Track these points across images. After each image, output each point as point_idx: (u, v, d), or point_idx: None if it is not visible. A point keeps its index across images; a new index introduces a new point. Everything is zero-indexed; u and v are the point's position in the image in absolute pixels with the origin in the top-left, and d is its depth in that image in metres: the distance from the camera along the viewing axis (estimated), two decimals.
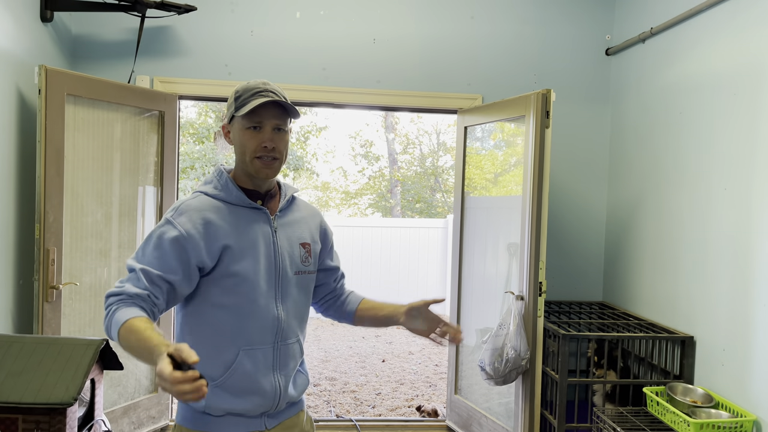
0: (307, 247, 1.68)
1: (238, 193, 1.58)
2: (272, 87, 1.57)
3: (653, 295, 3.29)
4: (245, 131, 1.56)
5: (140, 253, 1.51)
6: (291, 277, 1.63)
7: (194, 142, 11.32)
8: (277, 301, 1.59)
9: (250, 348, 1.55)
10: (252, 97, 1.54)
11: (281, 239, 1.62)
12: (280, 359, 1.61)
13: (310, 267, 1.69)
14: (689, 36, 3.06)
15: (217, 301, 1.54)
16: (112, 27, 3.48)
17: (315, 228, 1.75)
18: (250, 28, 3.60)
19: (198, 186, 1.64)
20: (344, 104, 3.74)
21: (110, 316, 1.41)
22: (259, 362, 1.56)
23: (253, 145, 1.55)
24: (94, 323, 3.14)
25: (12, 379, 1.64)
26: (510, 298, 3.17)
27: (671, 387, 2.74)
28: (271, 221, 1.62)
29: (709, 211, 2.84)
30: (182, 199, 1.59)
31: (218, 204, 1.57)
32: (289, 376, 1.64)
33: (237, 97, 1.56)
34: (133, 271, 1.47)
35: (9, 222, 2.80)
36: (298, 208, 1.73)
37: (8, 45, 2.74)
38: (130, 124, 3.27)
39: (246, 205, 1.59)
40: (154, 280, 1.46)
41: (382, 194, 14.14)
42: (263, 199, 1.64)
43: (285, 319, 1.61)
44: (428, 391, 4.95)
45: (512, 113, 3.25)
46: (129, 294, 1.43)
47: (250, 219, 1.59)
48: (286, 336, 1.62)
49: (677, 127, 3.13)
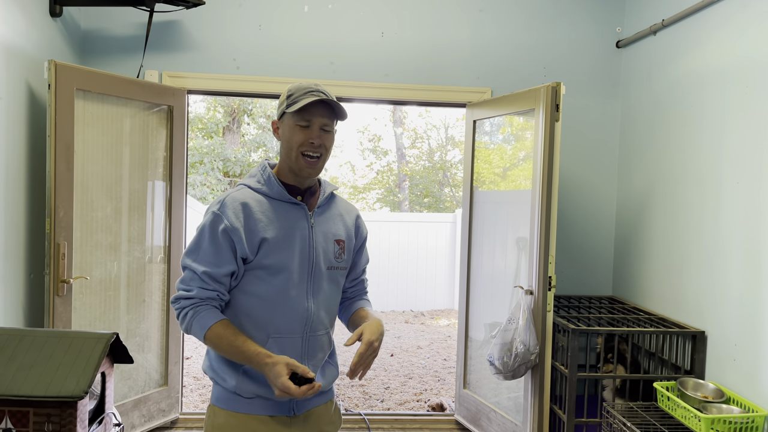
0: (341, 243, 1.75)
1: (279, 188, 1.65)
2: (323, 88, 1.66)
3: (663, 290, 3.27)
4: (294, 127, 1.63)
5: (195, 249, 1.59)
6: (324, 271, 1.69)
7: (203, 137, 11.35)
8: (308, 294, 1.66)
9: (279, 336, 1.62)
10: (304, 96, 1.61)
11: (317, 234, 1.69)
12: (309, 349, 1.67)
13: (342, 263, 1.75)
14: (701, 28, 3.02)
15: (249, 289, 1.61)
16: (120, 22, 3.49)
17: (351, 225, 1.81)
18: (258, 22, 3.59)
19: (243, 179, 1.72)
20: (352, 98, 3.73)
21: (190, 320, 1.56)
22: (287, 351, 1.62)
23: (300, 140, 1.62)
24: (104, 317, 3.16)
25: (23, 373, 1.65)
26: (519, 292, 3.16)
27: (682, 382, 2.73)
28: (309, 217, 1.68)
29: (720, 205, 2.81)
30: (227, 191, 1.66)
31: (260, 198, 1.64)
32: (317, 366, 1.70)
33: (289, 95, 1.64)
34: (194, 273, 1.57)
35: (20, 216, 2.82)
36: (336, 205, 1.80)
37: (18, 40, 2.75)
38: (139, 118, 3.28)
39: (286, 200, 1.66)
40: (219, 279, 1.58)
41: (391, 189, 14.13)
42: (303, 195, 1.70)
43: (315, 311, 1.67)
44: (437, 385, 4.95)
45: (522, 107, 3.23)
46: (201, 298, 1.57)
47: (289, 213, 1.65)
48: (315, 327, 1.68)
49: (688, 121, 3.10)
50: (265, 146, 11.69)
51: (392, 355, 5.94)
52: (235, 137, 11.79)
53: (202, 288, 1.57)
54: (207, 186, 10.99)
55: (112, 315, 3.20)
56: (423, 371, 5.39)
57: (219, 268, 1.57)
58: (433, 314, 8.15)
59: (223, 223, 1.57)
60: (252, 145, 11.88)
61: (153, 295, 3.40)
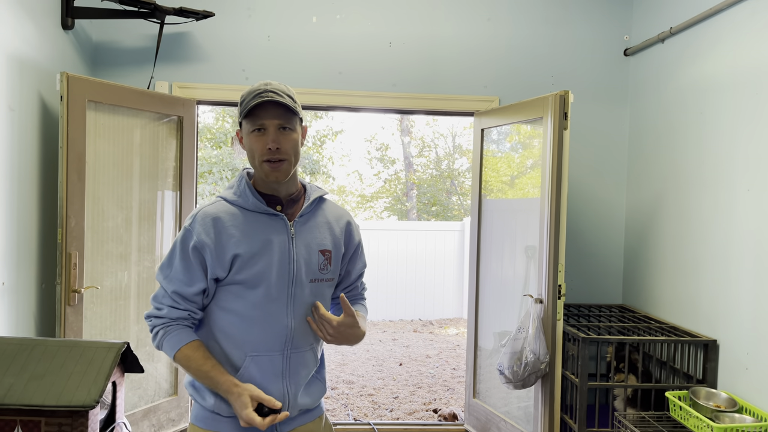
0: (327, 254, 1.65)
1: (254, 200, 1.58)
2: (274, 86, 1.55)
3: (674, 298, 3.25)
4: (251, 135, 1.55)
5: (167, 265, 1.57)
6: (306, 284, 1.60)
7: (212, 146, 11.41)
8: (288, 309, 1.58)
9: (256, 355, 1.56)
10: (253, 100, 1.53)
11: (299, 246, 1.60)
12: (290, 367, 1.60)
13: (328, 274, 1.66)
14: (709, 35, 3.02)
15: (226, 306, 1.57)
16: (131, 34, 3.53)
17: (340, 233, 1.70)
18: (267, 33, 3.62)
19: (222, 191, 1.66)
20: (360, 108, 3.75)
21: (161, 339, 1.55)
22: (266, 369, 1.56)
23: (259, 148, 1.54)
24: (115, 326, 3.17)
25: (35, 382, 1.66)
26: (529, 301, 3.15)
27: (694, 391, 2.70)
28: (289, 227, 1.60)
29: (731, 213, 2.80)
30: (200, 205, 1.62)
31: (234, 210, 1.57)
32: (300, 384, 1.62)
33: (242, 101, 1.57)
34: (165, 291, 1.56)
35: (32, 227, 2.85)
36: (323, 212, 1.69)
37: (31, 53, 2.79)
38: (150, 129, 3.31)
39: (262, 212, 1.58)
40: (189, 298, 1.56)
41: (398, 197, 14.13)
42: (283, 204, 1.62)
43: (295, 326, 1.59)
44: (446, 394, 4.93)
45: (530, 115, 3.23)
46: (172, 318, 1.56)
47: (265, 226, 1.58)
48: (297, 344, 1.60)
49: (698, 128, 3.09)
50: None
51: (401, 365, 5.93)
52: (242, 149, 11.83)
53: (173, 307, 1.54)
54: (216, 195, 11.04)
55: (122, 324, 3.21)
56: (432, 381, 5.36)
57: (189, 287, 1.54)
58: (442, 323, 8.13)
59: (193, 240, 1.53)
60: None
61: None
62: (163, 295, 1.56)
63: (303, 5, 3.63)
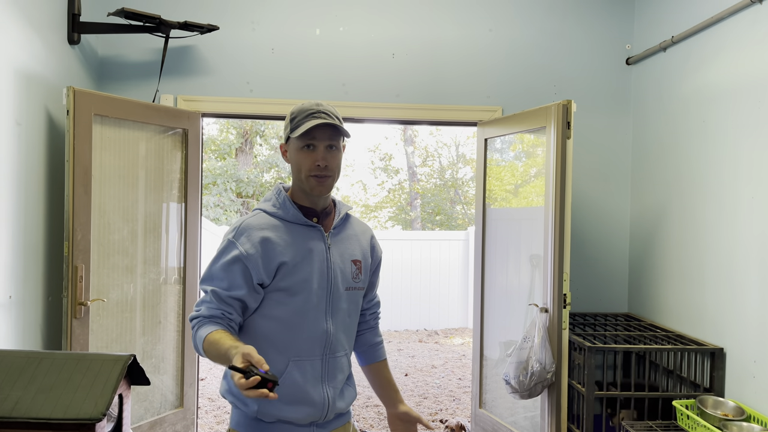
0: (358, 263, 1.75)
1: (294, 211, 1.66)
2: (325, 108, 1.64)
3: (680, 307, 3.24)
4: (300, 151, 1.63)
5: (207, 273, 1.62)
6: (342, 292, 1.69)
7: (216, 158, 11.46)
8: (327, 315, 1.65)
9: (299, 359, 1.62)
10: (306, 119, 1.61)
11: (334, 255, 1.69)
12: (329, 371, 1.67)
13: (360, 283, 1.75)
14: (711, 44, 3.03)
15: (268, 313, 1.62)
16: (137, 48, 3.56)
17: (366, 245, 1.81)
18: (270, 46, 3.65)
19: (258, 203, 1.73)
20: (364, 119, 3.77)
21: (194, 337, 1.58)
22: (308, 373, 1.62)
23: (307, 164, 1.62)
24: (121, 339, 3.18)
25: (42, 395, 1.66)
26: (534, 310, 3.14)
27: (701, 400, 2.69)
28: (326, 238, 1.68)
29: (736, 220, 2.80)
30: (242, 218, 1.67)
31: (275, 222, 1.65)
32: (338, 388, 1.69)
33: (292, 118, 1.64)
34: (205, 293, 1.60)
35: (39, 240, 2.86)
36: (351, 225, 1.80)
37: (38, 68, 2.82)
38: (155, 142, 3.33)
39: (302, 223, 1.66)
40: (224, 299, 1.58)
41: (402, 207, 14.14)
42: (319, 217, 1.70)
43: (334, 332, 1.67)
44: (452, 405, 4.91)
45: (533, 124, 3.24)
46: (205, 316, 1.58)
47: (305, 236, 1.66)
48: (334, 349, 1.68)
49: (701, 136, 3.09)
50: (278, 167, 11.78)
51: (406, 375, 5.91)
52: (248, 158, 11.89)
53: (209, 306, 1.58)
54: (221, 207, 11.08)
55: (128, 337, 3.22)
56: (438, 391, 5.34)
57: (226, 290, 1.58)
58: (447, 333, 8.10)
59: (237, 250, 1.58)
60: (264, 166, 11.98)
61: (168, 317, 3.43)
62: (202, 298, 1.62)
63: (306, 18, 3.67)
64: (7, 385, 1.68)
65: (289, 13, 3.66)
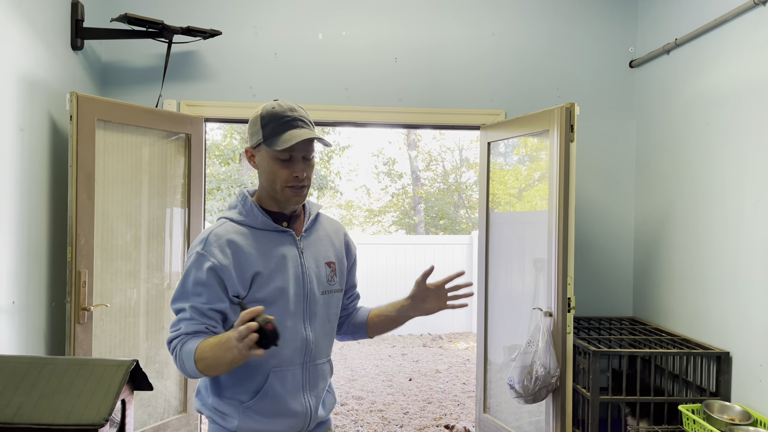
0: (332, 266, 1.68)
1: (263, 218, 1.58)
2: (300, 113, 1.55)
3: (686, 310, 3.22)
4: (275, 161, 1.54)
5: (181, 291, 1.53)
6: (318, 297, 1.63)
7: (220, 163, 11.48)
8: (305, 322, 1.60)
9: (279, 369, 1.56)
10: (283, 127, 1.51)
11: (308, 260, 1.62)
12: (310, 380, 1.61)
13: (335, 286, 1.69)
14: (715, 46, 3.02)
15: None
16: (140, 53, 3.57)
17: (340, 244, 1.74)
18: (273, 50, 3.66)
19: (223, 212, 1.64)
20: (367, 123, 3.77)
21: (178, 356, 1.49)
22: (288, 384, 1.57)
23: (284, 176, 1.54)
24: (124, 344, 3.18)
25: (45, 401, 1.66)
26: (538, 314, 3.13)
27: (707, 404, 2.67)
28: (298, 243, 1.62)
29: (741, 223, 2.78)
30: (208, 228, 1.58)
31: (244, 230, 1.57)
32: (320, 397, 1.64)
33: (264, 124, 1.53)
34: (182, 311, 1.50)
35: (42, 245, 2.87)
36: (323, 225, 1.73)
37: (41, 73, 2.83)
38: (158, 147, 3.33)
39: (272, 229, 1.59)
40: (206, 313, 1.50)
41: (406, 211, 14.14)
42: (288, 221, 1.63)
43: (314, 339, 1.61)
44: (456, 409, 4.89)
45: (536, 128, 3.23)
46: (187, 333, 1.49)
47: (277, 242, 1.58)
48: (315, 356, 1.62)
49: (705, 139, 3.08)
50: None
51: (411, 380, 5.89)
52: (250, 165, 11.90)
53: (190, 323, 1.49)
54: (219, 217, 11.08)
55: (131, 342, 3.22)
56: (442, 396, 5.32)
57: (206, 303, 1.49)
58: (451, 337, 8.08)
59: (209, 262, 1.50)
60: None
61: (171, 322, 3.42)
62: (178, 318, 1.52)
63: (309, 22, 3.67)
64: (10, 390, 1.68)
65: (292, 17, 3.66)
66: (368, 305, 1.86)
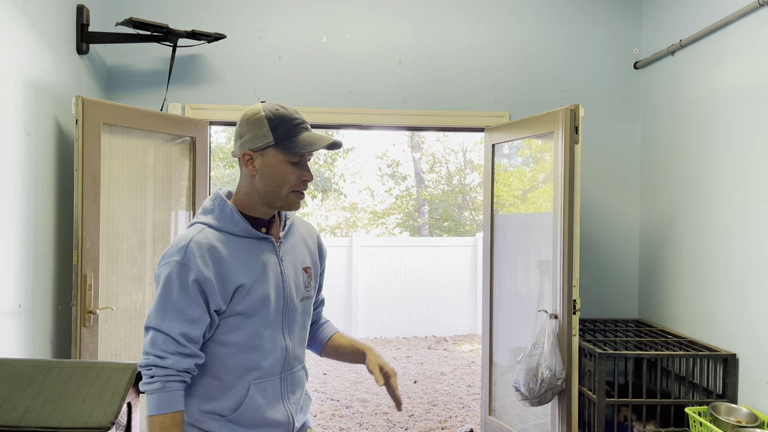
0: (308, 271, 1.64)
1: (244, 224, 1.50)
2: (302, 116, 1.52)
3: (692, 312, 3.21)
4: (285, 164, 1.48)
5: (162, 308, 1.43)
6: (297, 304, 1.59)
7: (224, 166, 11.50)
8: (284, 332, 1.56)
9: (259, 381, 1.51)
10: (295, 130, 1.47)
11: (287, 267, 1.57)
12: (288, 388, 1.58)
13: (311, 291, 1.65)
14: (720, 47, 3.01)
15: (223, 340, 1.49)
16: (145, 57, 3.58)
17: (314, 248, 1.69)
18: (278, 53, 3.66)
19: (197, 215, 1.55)
20: (371, 125, 3.77)
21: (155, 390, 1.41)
22: (269, 394, 1.53)
23: (293, 180, 1.49)
24: (130, 347, 3.18)
25: (51, 404, 1.66)
26: (543, 316, 3.12)
27: (714, 407, 2.66)
28: (277, 250, 1.56)
29: (747, 224, 2.77)
30: (184, 235, 1.48)
31: (222, 237, 1.48)
32: (299, 404, 1.61)
33: (274, 127, 1.46)
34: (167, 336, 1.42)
35: (48, 248, 2.88)
36: (297, 228, 1.67)
37: (47, 77, 2.84)
38: (163, 150, 3.34)
39: (252, 236, 1.51)
40: (196, 339, 1.44)
41: (410, 213, 14.13)
42: (267, 226, 1.57)
43: (292, 348, 1.58)
44: (461, 412, 4.88)
45: (540, 130, 3.23)
46: (178, 370, 1.42)
47: (257, 250, 1.52)
48: (291, 365, 1.59)
49: (711, 140, 3.07)
50: None
51: (415, 382, 5.88)
52: None
53: (179, 354, 1.41)
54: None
55: (137, 345, 3.22)
56: (447, 398, 5.31)
57: (195, 324, 1.42)
58: (456, 339, 8.07)
59: (193, 273, 1.41)
60: None
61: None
62: (164, 340, 1.41)
63: (313, 25, 3.68)
64: (16, 394, 1.68)
65: (296, 21, 3.67)
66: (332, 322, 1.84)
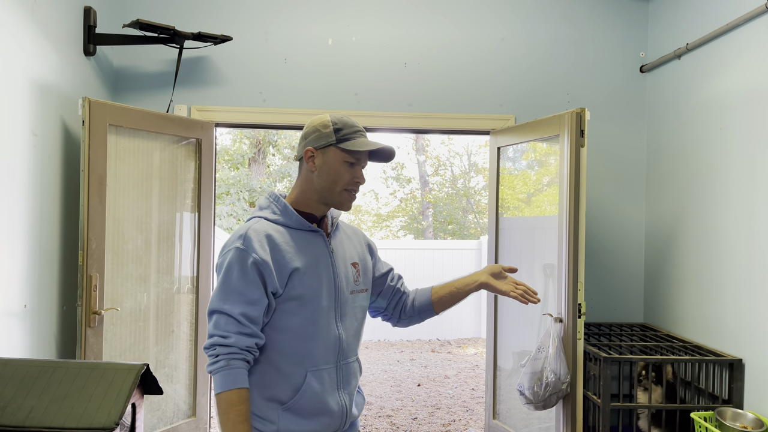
0: (356, 266, 1.74)
1: (297, 216, 1.63)
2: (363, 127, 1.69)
3: (698, 316, 3.19)
4: (343, 164, 1.62)
5: (224, 291, 1.52)
6: (348, 296, 1.68)
7: (229, 168, 11.53)
8: (337, 321, 1.64)
9: (316, 369, 1.59)
10: (356, 134, 1.64)
11: (337, 260, 1.68)
12: (344, 378, 1.65)
13: (361, 285, 1.74)
14: (727, 51, 3.00)
15: (280, 325, 1.57)
16: (151, 59, 3.60)
17: (360, 245, 1.81)
18: (283, 56, 3.67)
19: (254, 212, 1.68)
20: (376, 128, 3.77)
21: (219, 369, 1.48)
22: (325, 382, 1.60)
23: (347, 178, 1.63)
24: (134, 348, 3.19)
25: (56, 404, 1.67)
26: (548, 320, 3.11)
27: (720, 412, 2.64)
28: (328, 243, 1.67)
29: (754, 229, 2.75)
30: (244, 226, 1.60)
31: (279, 228, 1.61)
32: (352, 395, 1.68)
33: (337, 128, 1.63)
34: (229, 316, 1.49)
35: (54, 249, 2.89)
36: (343, 229, 1.80)
37: (54, 79, 2.86)
38: (169, 152, 3.35)
39: (306, 228, 1.64)
40: (256, 319, 1.52)
41: (414, 216, 14.13)
42: (318, 223, 1.69)
43: (345, 337, 1.65)
44: (465, 415, 4.87)
45: (546, 133, 3.22)
46: (240, 348, 1.49)
47: (310, 241, 1.64)
48: (346, 354, 1.66)
49: (718, 144, 3.06)
50: (290, 176, 11.83)
51: (419, 385, 5.87)
52: (261, 168, 11.96)
53: (241, 333, 1.49)
54: (233, 216, 11.14)
55: (141, 346, 3.23)
56: (451, 401, 5.30)
57: (255, 305, 1.51)
58: (460, 343, 8.05)
59: (251, 257, 1.51)
60: (277, 176, 12.04)
61: (181, 326, 3.43)
62: (226, 321, 1.49)
63: (319, 28, 3.68)
64: (21, 394, 1.69)
65: (302, 23, 3.68)
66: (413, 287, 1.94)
